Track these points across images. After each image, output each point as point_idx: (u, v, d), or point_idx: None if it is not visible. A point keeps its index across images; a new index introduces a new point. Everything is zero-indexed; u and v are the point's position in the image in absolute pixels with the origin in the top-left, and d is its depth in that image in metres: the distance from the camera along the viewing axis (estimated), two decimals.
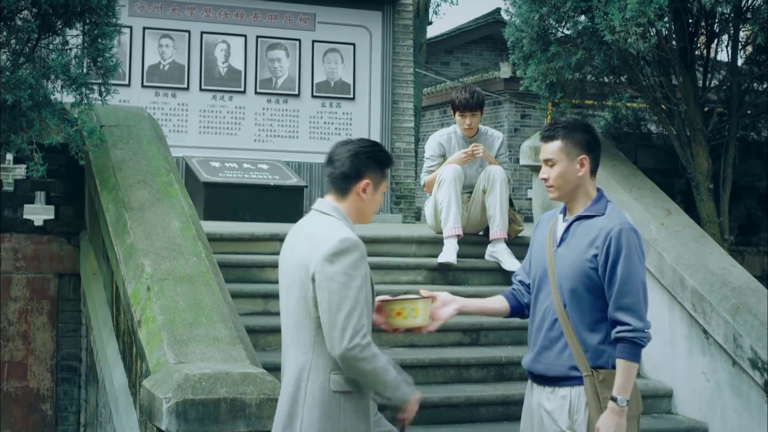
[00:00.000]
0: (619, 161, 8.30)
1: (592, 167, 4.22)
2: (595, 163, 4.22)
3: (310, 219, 4.09)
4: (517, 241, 8.69)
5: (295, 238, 4.09)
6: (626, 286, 3.97)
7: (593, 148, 4.20)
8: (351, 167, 4.02)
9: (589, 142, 4.18)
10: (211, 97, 13.09)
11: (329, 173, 4.10)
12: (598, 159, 4.24)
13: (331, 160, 4.08)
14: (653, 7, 6.99)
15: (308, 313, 3.90)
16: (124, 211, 6.34)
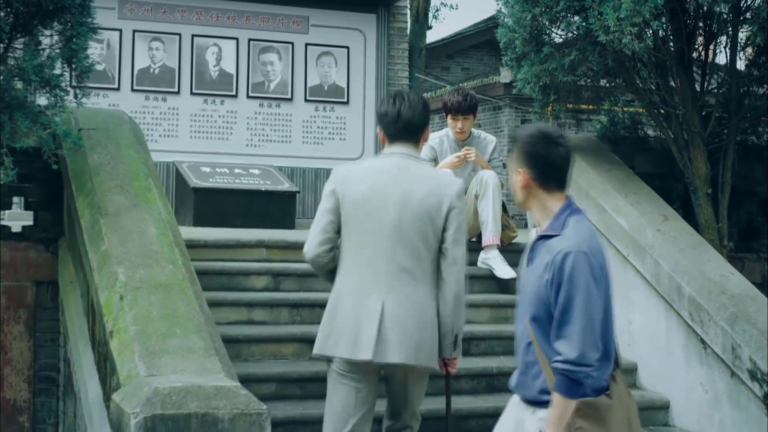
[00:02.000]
0: (615, 165, 8.09)
1: (539, 181, 3.84)
2: (542, 177, 3.83)
3: (406, 164, 4.82)
4: (511, 247, 8.48)
5: (399, 180, 4.76)
6: (565, 315, 3.63)
7: (536, 161, 3.82)
8: (425, 119, 4.87)
9: (529, 154, 3.84)
10: (202, 101, 12.86)
11: (408, 125, 4.79)
12: (546, 173, 3.83)
13: (404, 112, 4.78)
14: (648, 7, 6.78)
15: (430, 246, 4.73)
16: (100, 217, 6.13)
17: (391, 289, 4.72)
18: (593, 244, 3.73)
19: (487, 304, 7.84)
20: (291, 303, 7.31)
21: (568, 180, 3.90)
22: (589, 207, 7.75)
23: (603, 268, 3.72)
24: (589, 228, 3.82)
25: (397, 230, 4.72)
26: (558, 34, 7.77)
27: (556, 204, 3.84)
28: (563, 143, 3.83)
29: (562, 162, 3.84)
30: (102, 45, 12.49)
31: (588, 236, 3.74)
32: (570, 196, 3.91)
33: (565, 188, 3.90)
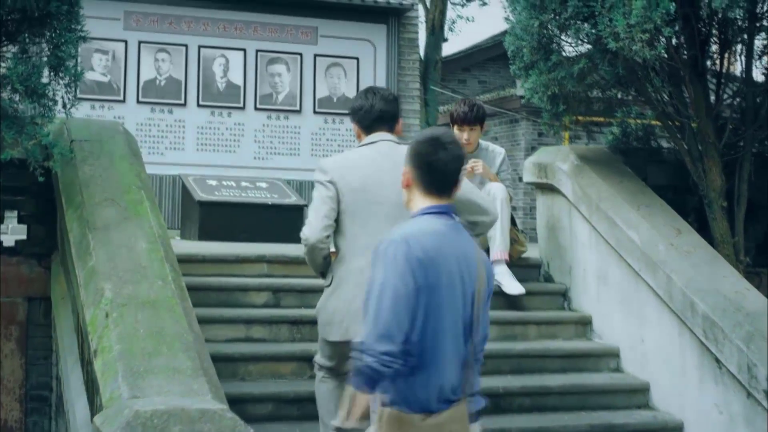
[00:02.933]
0: (627, 177, 7.83)
1: (419, 183, 3.74)
2: (423, 179, 3.72)
3: (392, 147, 5.09)
4: (521, 262, 8.25)
5: (392, 162, 4.87)
6: (366, 303, 3.58)
7: (420, 163, 3.74)
8: (397, 109, 5.27)
9: (415, 155, 3.79)
10: (209, 113, 12.73)
11: (383, 114, 5.13)
12: (427, 176, 3.71)
13: (376, 104, 5.13)
14: (659, 12, 6.53)
15: None
16: (88, 231, 5.91)
17: None
18: (419, 238, 3.59)
19: (493, 321, 7.44)
20: (291, 320, 7.07)
21: (452, 187, 3.76)
22: (600, 220, 7.51)
23: (422, 263, 3.54)
24: (427, 226, 3.66)
25: (396, 211, 4.80)
26: (567, 42, 7.51)
27: (418, 207, 3.77)
28: (452, 150, 3.72)
29: (445, 168, 3.71)
30: (107, 56, 12.38)
31: (416, 230, 3.62)
32: (446, 206, 3.74)
33: (447, 195, 3.74)
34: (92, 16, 12.49)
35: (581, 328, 7.78)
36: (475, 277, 3.65)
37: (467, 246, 3.70)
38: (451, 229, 3.69)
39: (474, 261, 3.67)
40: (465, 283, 3.61)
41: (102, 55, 12.39)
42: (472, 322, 3.62)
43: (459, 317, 3.59)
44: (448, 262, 3.59)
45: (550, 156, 8.29)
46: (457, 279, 3.60)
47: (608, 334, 7.57)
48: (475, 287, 3.63)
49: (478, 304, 3.64)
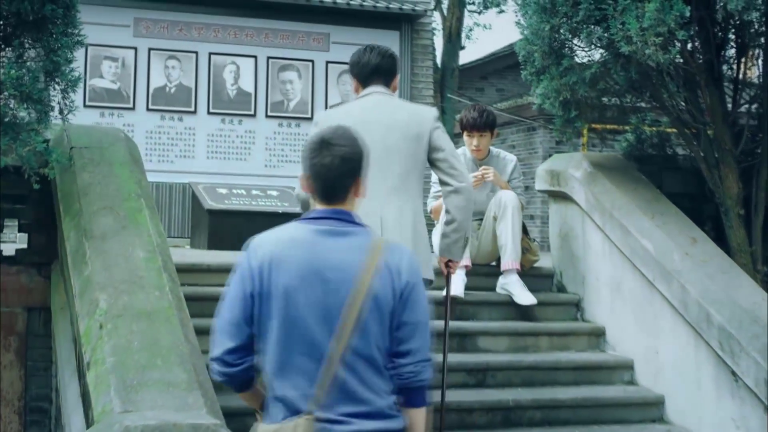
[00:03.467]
0: (641, 185, 7.64)
1: (308, 186, 3.51)
2: (309, 182, 3.47)
3: (384, 98, 5.36)
4: (533, 272, 8.09)
5: (381, 110, 5.27)
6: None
7: (305, 166, 3.52)
8: (393, 65, 5.42)
9: (302, 156, 3.60)
10: (219, 120, 12.59)
11: (378, 68, 5.36)
12: (311, 180, 3.46)
13: (373, 58, 5.37)
14: (673, 15, 6.34)
15: (416, 164, 5.27)
16: (85, 240, 5.75)
17: (385, 209, 5.15)
18: (266, 245, 3.40)
19: (505, 332, 7.41)
20: None
21: (341, 193, 3.46)
22: (613, 228, 7.32)
23: (261, 271, 3.36)
24: (285, 232, 3.43)
25: (387, 153, 5.19)
26: (579, 46, 7.33)
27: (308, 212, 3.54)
28: (338, 150, 3.42)
29: (326, 172, 3.41)
30: (116, 64, 12.28)
31: (269, 236, 3.44)
32: (333, 210, 3.44)
33: (333, 201, 3.45)
34: (102, 23, 12.47)
35: (594, 339, 7.59)
36: (349, 286, 3.31)
37: (342, 254, 3.36)
38: (320, 236, 3.38)
39: (351, 270, 3.33)
40: (328, 295, 3.31)
41: (111, 62, 12.28)
42: (341, 335, 3.28)
43: (312, 328, 3.31)
44: (298, 271, 3.32)
45: (563, 163, 8.11)
46: (313, 288, 3.32)
47: (622, 345, 7.38)
48: (347, 298, 3.30)
49: (352, 316, 3.29)
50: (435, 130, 5.33)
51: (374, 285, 3.31)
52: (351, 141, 3.48)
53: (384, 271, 3.34)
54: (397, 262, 3.37)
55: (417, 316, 3.37)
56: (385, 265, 3.35)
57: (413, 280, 3.37)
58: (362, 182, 3.53)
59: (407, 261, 3.40)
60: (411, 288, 3.35)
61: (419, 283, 3.41)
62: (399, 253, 3.42)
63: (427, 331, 3.42)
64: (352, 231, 3.41)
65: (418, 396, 3.44)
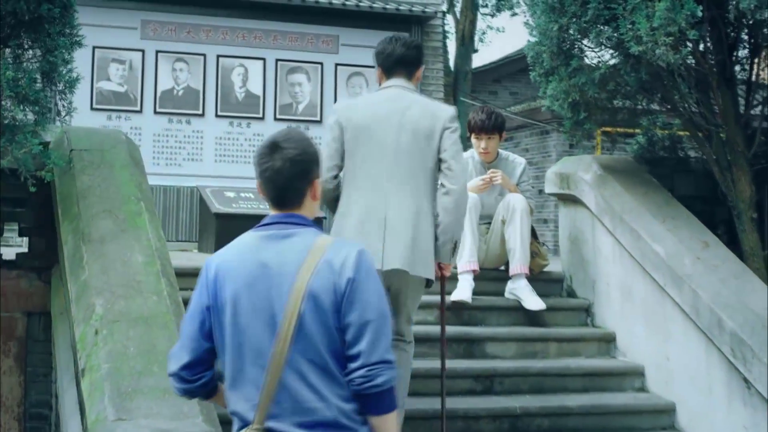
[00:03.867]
0: (652, 188, 7.49)
1: (262, 193, 3.38)
2: (260, 189, 3.35)
3: (402, 93, 5.41)
4: (543, 276, 7.96)
5: (395, 106, 5.35)
6: None
7: (256, 170, 3.38)
8: (418, 55, 5.51)
9: (254, 161, 3.46)
10: (227, 123, 12.50)
11: (403, 58, 5.42)
12: (261, 186, 3.34)
13: (398, 48, 5.42)
14: (684, 14, 6.20)
15: (427, 163, 5.32)
16: (82, 244, 5.65)
17: (392, 205, 5.23)
18: (222, 255, 3.30)
19: (512, 338, 7.28)
20: None
21: (293, 198, 3.30)
22: (624, 232, 7.19)
23: (215, 281, 3.23)
24: (240, 241, 3.31)
25: (396, 150, 5.29)
26: (588, 47, 7.19)
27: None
28: (287, 155, 3.25)
29: (275, 176, 3.26)
30: (124, 66, 12.19)
31: (228, 247, 3.33)
32: (285, 215, 3.30)
33: (287, 206, 3.30)
34: (109, 25, 12.40)
35: (605, 345, 7.46)
36: (286, 291, 3.14)
37: (283, 256, 3.19)
38: (265, 241, 3.24)
39: (291, 270, 3.16)
40: (271, 299, 3.16)
41: (119, 64, 12.20)
42: (282, 338, 3.11)
43: (259, 335, 3.17)
44: (243, 278, 3.19)
45: (573, 166, 7.98)
46: (257, 294, 3.18)
47: (633, 351, 7.24)
48: (284, 303, 3.13)
49: (292, 318, 3.12)
50: (446, 131, 5.35)
51: (313, 284, 3.12)
52: (302, 143, 3.31)
53: (324, 269, 3.15)
54: (342, 259, 3.16)
55: (365, 315, 3.13)
56: (326, 263, 3.15)
57: (359, 276, 3.15)
58: (318, 184, 3.38)
59: (355, 258, 3.18)
60: (355, 285, 3.14)
61: (367, 280, 3.17)
62: (346, 250, 3.20)
63: (382, 331, 3.17)
64: (297, 232, 3.24)
65: (378, 403, 3.17)
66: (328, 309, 3.13)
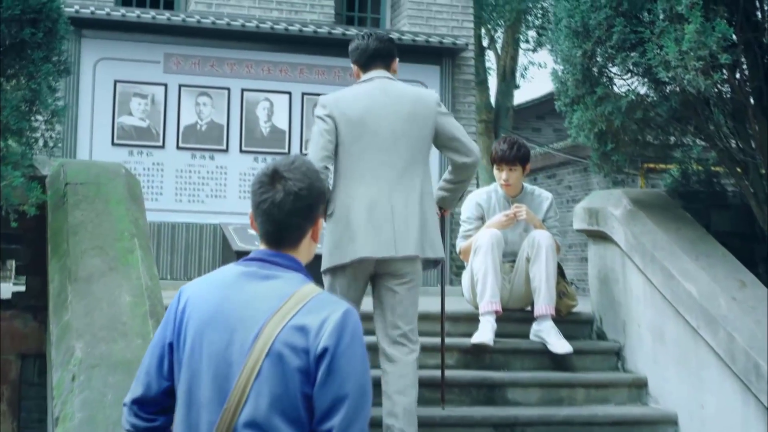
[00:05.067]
0: (685, 224, 7.05)
1: (256, 225, 3.00)
2: (255, 222, 2.96)
3: (388, 83, 5.56)
4: (572, 318, 7.51)
5: (386, 95, 5.47)
6: None
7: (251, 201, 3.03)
8: (392, 47, 5.72)
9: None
10: (252, 159, 12.20)
11: (377, 51, 5.63)
12: (256, 220, 2.95)
13: (371, 43, 5.62)
14: (715, 37, 5.79)
15: (422, 149, 5.51)
16: (68, 283, 5.32)
17: (394, 197, 5.38)
18: (195, 289, 2.92)
19: (536, 383, 6.83)
20: None
21: (288, 236, 2.91)
22: (655, 271, 6.74)
23: (182, 317, 2.87)
24: (219, 275, 2.92)
25: (392, 140, 5.42)
26: (616, 74, 6.79)
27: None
28: (290, 188, 2.87)
29: (273, 210, 2.86)
30: (146, 101, 11.95)
31: (202, 280, 2.96)
32: (277, 254, 2.89)
33: (282, 246, 2.91)
34: (130, 59, 12.17)
35: (636, 391, 6.98)
36: (249, 343, 2.72)
37: (256, 300, 2.79)
38: (241, 278, 2.85)
39: (259, 320, 2.74)
40: (231, 349, 2.75)
41: (141, 99, 11.96)
42: (233, 400, 2.70)
43: (207, 387, 2.76)
44: (207, 318, 2.81)
45: (602, 201, 7.55)
46: (217, 339, 2.78)
47: (665, 398, 6.77)
48: (245, 356, 2.71)
49: (248, 378, 2.69)
50: (439, 116, 5.58)
51: (281, 341, 2.69)
52: (308, 174, 2.91)
53: (298, 326, 2.71)
54: (322, 320, 2.72)
55: (342, 389, 2.68)
56: (301, 322, 2.71)
57: (340, 344, 2.70)
58: (320, 224, 2.98)
59: (338, 320, 2.72)
60: (335, 355, 2.68)
61: (349, 349, 2.72)
62: (329, 309, 2.74)
63: (360, 410, 2.72)
64: (280, 275, 2.83)
65: None
66: (295, 373, 2.69)
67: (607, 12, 6.33)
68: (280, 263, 2.86)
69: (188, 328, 2.83)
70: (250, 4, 12.70)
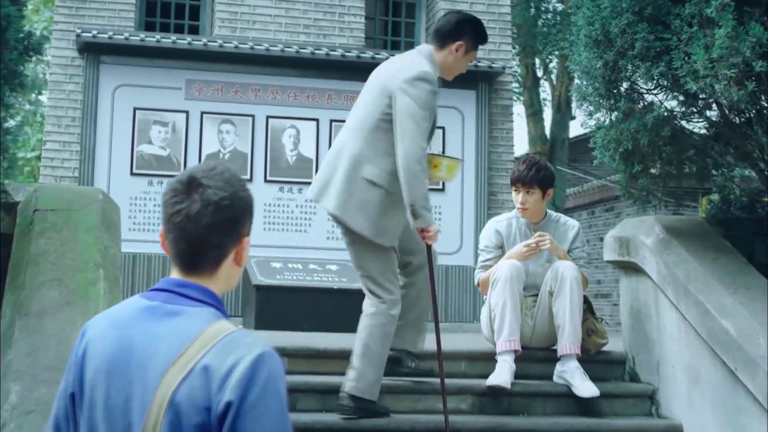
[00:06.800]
0: (724, 253, 6.37)
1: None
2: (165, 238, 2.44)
3: (404, 54, 5.78)
4: (602, 357, 6.86)
5: (384, 65, 5.70)
6: None
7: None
8: (453, 27, 5.70)
9: None
10: (277, 189, 11.70)
11: (435, 29, 5.78)
12: (166, 236, 2.41)
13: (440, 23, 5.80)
14: (749, 42, 5.14)
15: (374, 116, 5.48)
16: (18, 318, 4.81)
17: (343, 151, 5.59)
18: (90, 326, 2.38)
19: (558, 430, 6.17)
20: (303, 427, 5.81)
21: (203, 257, 2.36)
22: (689, 306, 6.07)
23: (80, 359, 2.34)
24: (119, 310, 2.36)
25: (357, 105, 5.71)
26: (643, 87, 6.15)
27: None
28: (209, 197, 2.33)
29: (187, 224, 2.32)
30: (166, 128, 11.53)
31: (106, 313, 2.40)
32: (185, 283, 2.35)
33: (197, 270, 2.36)
34: (150, 85, 11.75)
35: None
36: (150, 395, 2.18)
37: (158, 343, 2.25)
38: (143, 315, 2.31)
39: (160, 367, 2.20)
40: (129, 403, 2.21)
41: (161, 127, 11.52)
42: None
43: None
44: (104, 364, 2.28)
45: (633, 229, 6.89)
46: (115, 389, 2.24)
47: None
48: (146, 412, 2.17)
49: (154, 426, 2.14)
50: (399, 90, 5.38)
51: (180, 393, 2.16)
52: (232, 182, 2.37)
53: (199, 375, 2.17)
54: (229, 366, 2.16)
55: None
56: (204, 368, 2.17)
57: (248, 397, 2.15)
58: (246, 245, 2.41)
59: (247, 368, 2.16)
60: (241, 411, 2.13)
61: (260, 403, 2.15)
62: (239, 353, 2.20)
63: None
64: (186, 312, 2.28)
65: None
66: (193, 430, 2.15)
67: (629, 17, 5.70)
68: (188, 295, 2.32)
69: (86, 378, 2.30)
70: (276, 28, 12.23)
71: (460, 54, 5.81)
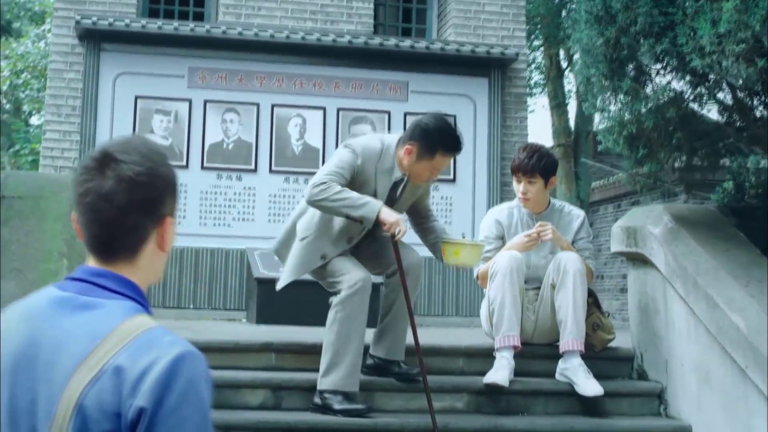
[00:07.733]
0: (736, 244, 6.01)
1: None
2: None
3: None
4: (608, 353, 6.52)
5: None
6: None
7: None
8: (410, 128, 5.75)
9: None
10: (283, 179, 11.41)
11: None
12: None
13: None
14: (759, 15, 4.76)
15: None
16: None
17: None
18: (5, 316, 2.06)
19: (558, 431, 5.83)
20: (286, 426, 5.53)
21: (118, 241, 2.06)
22: (698, 300, 5.72)
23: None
24: (31, 300, 2.05)
25: None
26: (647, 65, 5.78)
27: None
28: (123, 172, 2.03)
29: (99, 204, 2.02)
30: (168, 117, 11.25)
31: (14, 307, 2.08)
32: (95, 271, 2.05)
33: (112, 256, 2.07)
34: (152, 73, 11.46)
35: None
36: (56, 398, 1.89)
37: (69, 339, 1.93)
38: (54, 308, 1.99)
39: (62, 372, 1.90)
40: (34, 405, 1.94)
41: (163, 116, 11.23)
42: None
43: None
44: (10, 363, 1.98)
45: (641, 218, 6.54)
46: (22, 395, 1.95)
47: None
48: (52, 417, 1.88)
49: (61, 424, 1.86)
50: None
51: (87, 397, 1.87)
52: (151, 156, 2.07)
53: (110, 377, 1.88)
54: (143, 368, 1.88)
55: None
56: (115, 369, 1.88)
57: (159, 408, 1.85)
58: (170, 227, 2.11)
59: (164, 369, 1.88)
60: (148, 423, 1.85)
61: (173, 417, 1.86)
62: (156, 352, 1.90)
63: None
64: (101, 303, 2.00)
65: None
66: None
67: None
68: (105, 286, 2.03)
69: None
70: (282, 14, 11.92)
71: (413, 158, 5.65)
